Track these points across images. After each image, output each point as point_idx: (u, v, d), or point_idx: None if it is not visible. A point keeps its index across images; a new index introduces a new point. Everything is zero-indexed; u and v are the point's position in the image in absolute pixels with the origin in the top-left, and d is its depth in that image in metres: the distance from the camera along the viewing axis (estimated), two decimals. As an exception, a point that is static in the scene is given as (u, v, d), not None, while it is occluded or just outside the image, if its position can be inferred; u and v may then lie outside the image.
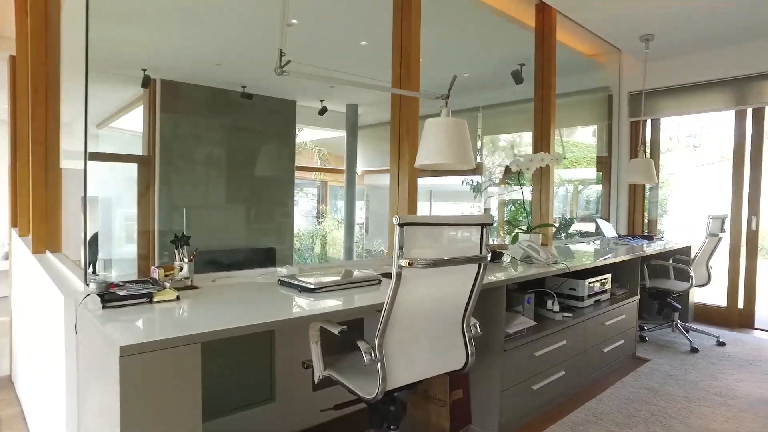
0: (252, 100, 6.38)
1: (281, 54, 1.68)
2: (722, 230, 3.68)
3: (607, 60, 5.03)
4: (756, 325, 4.39)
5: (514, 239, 3.25)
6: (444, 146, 1.86)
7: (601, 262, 3.00)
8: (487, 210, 7.74)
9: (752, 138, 4.36)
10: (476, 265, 1.65)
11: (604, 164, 5.18)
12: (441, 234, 1.54)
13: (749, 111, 4.36)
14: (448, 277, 1.60)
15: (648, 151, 5.01)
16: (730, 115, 4.53)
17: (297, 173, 9.16)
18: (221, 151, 6.00)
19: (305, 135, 10.70)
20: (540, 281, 2.92)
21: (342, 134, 8.14)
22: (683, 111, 4.64)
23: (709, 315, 4.54)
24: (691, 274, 3.60)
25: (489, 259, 1.65)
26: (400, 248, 1.43)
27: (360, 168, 8.51)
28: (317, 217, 10.16)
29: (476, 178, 7.35)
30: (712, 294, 4.49)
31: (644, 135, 4.96)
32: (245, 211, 6.32)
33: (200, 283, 1.89)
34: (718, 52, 4.36)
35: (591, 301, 2.99)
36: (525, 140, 7.23)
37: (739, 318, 4.44)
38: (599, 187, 5.56)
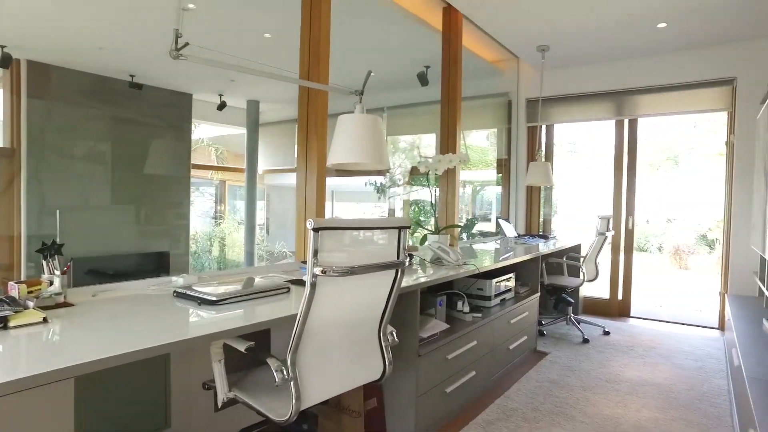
0: (141, 90, 5.82)
1: (177, 35, 1.47)
2: (608, 229, 4.00)
3: (506, 67, 5.28)
4: (632, 314, 4.85)
5: (423, 240, 3.25)
6: (359, 144, 1.77)
7: (506, 261, 3.09)
8: (392, 211, 7.82)
9: (628, 145, 4.82)
10: (394, 270, 1.57)
11: (504, 166, 5.42)
12: (357, 239, 1.44)
13: (626, 121, 4.81)
14: (364, 285, 1.51)
15: (543, 155, 5.34)
16: (603, 125, 4.99)
17: (193, 171, 8.56)
18: (105, 145, 5.38)
19: (202, 131, 10.04)
20: (449, 283, 2.93)
21: (242, 131, 7.73)
22: (574, 118, 5.01)
23: (595, 307, 4.94)
24: (584, 270, 3.87)
25: (407, 263, 1.58)
26: (315, 255, 1.31)
27: (261, 167, 8.16)
28: (215, 218, 9.58)
29: (379, 179, 7.39)
30: (596, 287, 4.90)
31: (540, 139, 5.28)
32: (134, 213, 5.74)
33: (77, 299, 1.61)
34: (602, 67, 4.75)
35: (498, 300, 3.08)
36: (425, 141, 7.40)
37: (619, 308, 4.88)
38: (497, 189, 5.83)
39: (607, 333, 4.09)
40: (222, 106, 6.82)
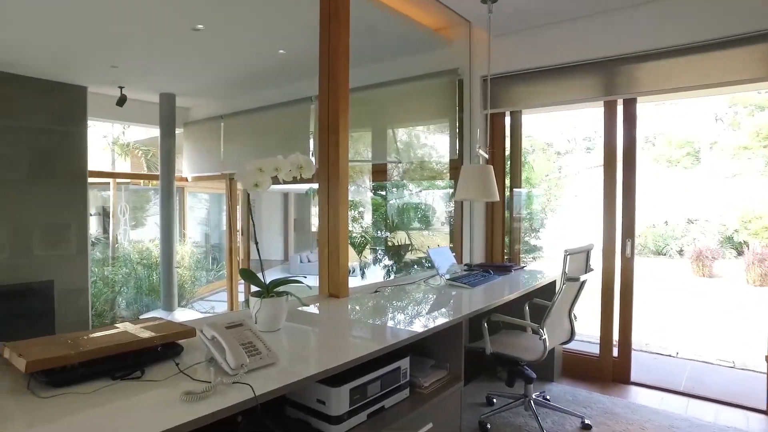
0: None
1: None
2: (587, 269, 2.57)
3: (455, 35, 3.89)
4: (632, 378, 3.40)
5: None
6: None
7: (364, 351, 1.67)
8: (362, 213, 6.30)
9: (624, 137, 3.38)
10: None
11: (457, 171, 4.01)
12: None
13: (620, 102, 3.37)
14: None
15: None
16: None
17: (121, 180, 7.36)
18: None
19: (134, 133, 8.81)
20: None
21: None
22: (544, 102, 3.56)
23: (579, 367, 3.51)
24: (544, 336, 2.42)
25: None
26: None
27: (192, 173, 6.84)
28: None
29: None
30: (586, 331, 3.47)
31: (503, 131, 3.87)
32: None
33: None
34: (581, 25, 3.32)
35: (360, 417, 1.69)
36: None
37: (614, 370, 3.43)
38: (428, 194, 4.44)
39: (586, 427, 2.65)
40: (122, 100, 5.52)
